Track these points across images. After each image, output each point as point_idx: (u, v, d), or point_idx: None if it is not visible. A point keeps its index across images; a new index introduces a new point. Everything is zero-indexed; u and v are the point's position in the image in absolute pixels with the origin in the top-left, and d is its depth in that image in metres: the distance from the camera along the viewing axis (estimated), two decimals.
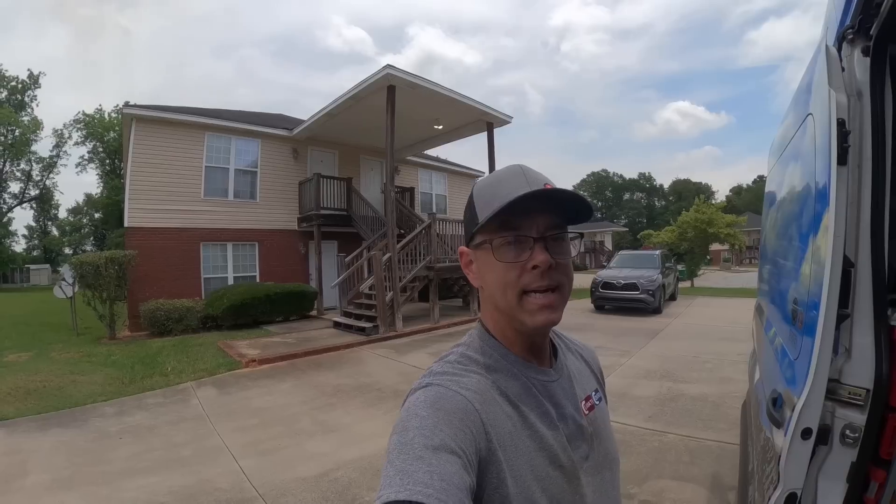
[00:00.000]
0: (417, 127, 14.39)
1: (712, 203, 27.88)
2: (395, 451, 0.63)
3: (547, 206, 0.78)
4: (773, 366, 2.05)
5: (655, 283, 13.36)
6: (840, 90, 1.39)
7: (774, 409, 1.66)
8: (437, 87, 11.76)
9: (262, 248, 14.66)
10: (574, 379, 0.92)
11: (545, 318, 0.78)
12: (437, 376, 0.78)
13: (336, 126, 14.25)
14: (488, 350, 0.85)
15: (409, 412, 0.70)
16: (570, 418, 0.85)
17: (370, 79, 11.18)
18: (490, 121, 13.83)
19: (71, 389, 7.02)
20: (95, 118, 49.70)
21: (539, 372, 0.86)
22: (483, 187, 0.84)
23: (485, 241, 0.80)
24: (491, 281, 0.81)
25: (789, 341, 1.80)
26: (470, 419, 0.70)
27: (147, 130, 12.74)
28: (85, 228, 56.10)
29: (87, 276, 11.30)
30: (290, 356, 8.81)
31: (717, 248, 34.35)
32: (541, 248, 0.77)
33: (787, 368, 1.73)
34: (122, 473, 4.25)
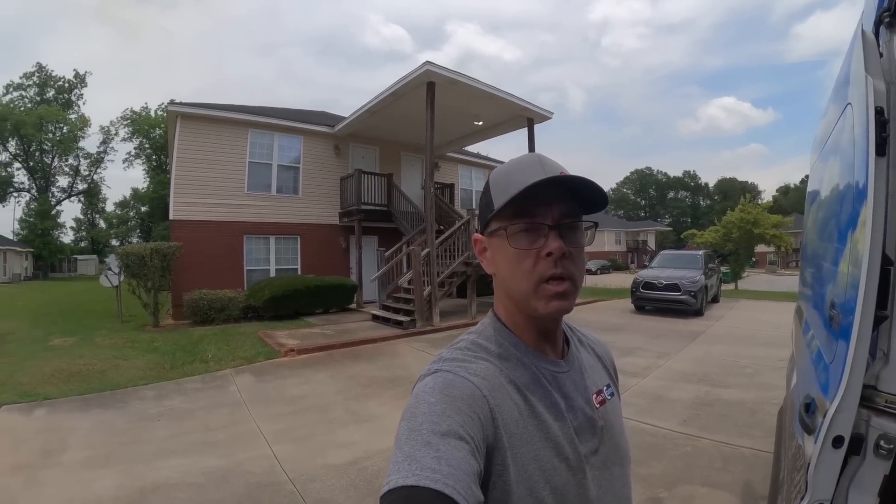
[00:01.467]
0: (457, 123, 14.42)
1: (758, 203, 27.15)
2: (403, 437, 0.64)
3: (562, 195, 0.78)
4: (809, 370, 1.95)
5: (697, 285, 13.03)
6: (878, 77, 1.31)
7: (807, 415, 1.57)
8: (476, 82, 11.73)
9: (304, 241, 14.91)
10: (585, 372, 0.91)
11: (558, 306, 0.77)
12: (446, 362, 0.78)
13: (377, 122, 14.38)
14: (499, 338, 0.85)
15: (418, 398, 0.71)
16: (580, 410, 0.84)
17: (409, 75, 11.25)
18: (530, 116, 13.73)
19: (113, 373, 7.26)
20: (141, 115, 51.64)
21: (550, 362, 0.85)
22: (499, 175, 0.83)
23: (500, 228, 0.80)
24: (505, 268, 0.81)
25: (825, 344, 1.70)
26: (478, 405, 0.70)
27: (192, 127, 13.17)
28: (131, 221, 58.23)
29: (133, 267, 11.70)
30: (328, 347, 8.93)
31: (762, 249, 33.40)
32: (555, 235, 0.76)
33: (821, 372, 1.64)
34: (158, 453, 4.37)
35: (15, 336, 10.74)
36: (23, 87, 47.84)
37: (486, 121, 14.38)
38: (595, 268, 44.29)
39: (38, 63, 50.46)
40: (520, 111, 13.41)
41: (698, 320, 12.16)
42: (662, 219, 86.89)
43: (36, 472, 4.04)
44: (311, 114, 17.99)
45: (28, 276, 43.55)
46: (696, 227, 45.80)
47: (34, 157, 48.00)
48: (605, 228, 59.01)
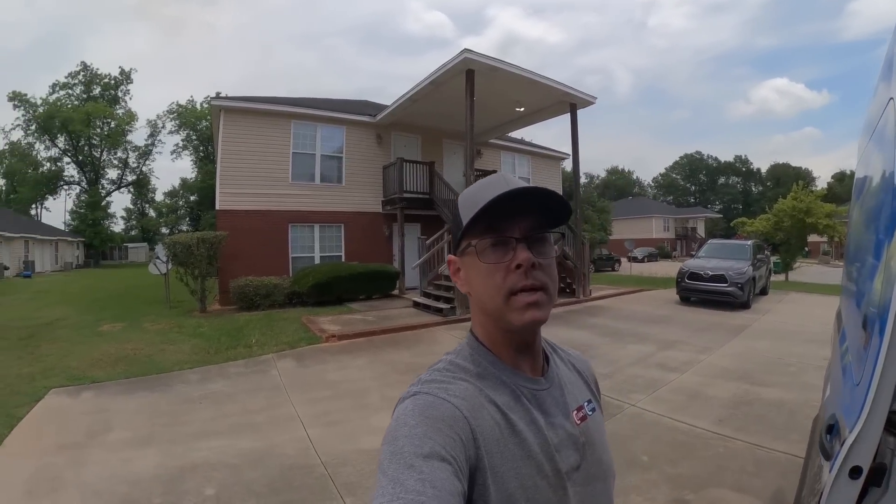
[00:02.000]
0: (499, 110, 14.36)
1: (811, 190, 26.00)
2: (386, 461, 0.64)
3: (528, 209, 0.79)
4: (838, 386, 1.80)
5: (745, 276, 12.60)
6: None
7: (827, 438, 1.46)
8: (516, 68, 11.64)
9: (348, 229, 15.15)
10: (565, 388, 0.91)
11: (532, 316, 0.77)
12: (424, 384, 0.79)
13: (418, 111, 14.43)
14: (477, 358, 0.85)
15: (399, 421, 0.71)
16: (560, 427, 0.84)
17: (448, 64, 11.24)
18: (573, 102, 13.54)
19: (159, 357, 7.51)
20: (187, 108, 53.28)
21: (528, 380, 0.85)
22: (466, 195, 0.85)
23: (469, 245, 0.81)
24: (478, 284, 0.82)
25: (856, 362, 1.55)
26: (459, 426, 0.70)
27: (235, 120, 13.55)
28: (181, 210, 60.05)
29: (180, 255, 12.08)
30: (369, 333, 9.03)
31: (815, 239, 32.16)
32: (523, 247, 0.78)
33: (847, 393, 1.51)
34: (198, 434, 4.53)
35: (66, 322, 11.16)
36: (69, 85, 50.04)
37: (528, 107, 14.26)
38: (641, 255, 43.24)
39: (83, 62, 52.69)
40: (562, 97, 13.25)
41: (744, 313, 11.75)
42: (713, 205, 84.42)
43: (81, 451, 4.23)
44: (352, 103, 18.20)
45: (79, 265, 45.23)
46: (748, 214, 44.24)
47: (83, 152, 50.13)
48: (653, 215, 57.80)
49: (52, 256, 39.24)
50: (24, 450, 4.30)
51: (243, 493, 3.51)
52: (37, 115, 46.54)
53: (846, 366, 1.79)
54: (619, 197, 75.93)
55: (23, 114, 47.22)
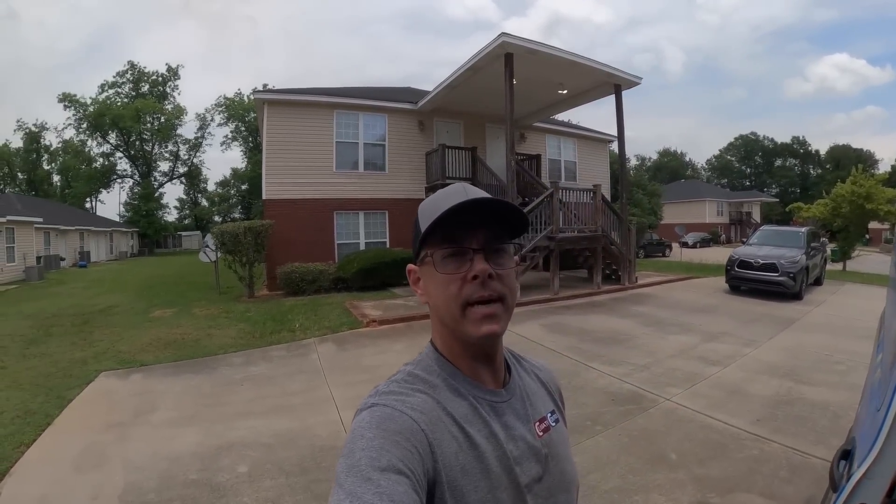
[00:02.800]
0: (541, 93, 14.22)
1: (872, 174, 24.60)
2: (343, 474, 0.64)
3: (486, 220, 0.79)
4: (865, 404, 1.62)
5: (797, 265, 12.05)
6: None
7: (837, 465, 1.30)
8: (556, 50, 11.48)
9: (391, 216, 15.34)
10: (527, 400, 0.90)
11: (488, 329, 0.78)
12: (382, 396, 0.79)
13: (459, 97, 14.39)
14: (436, 369, 0.85)
15: (355, 434, 0.71)
16: (521, 439, 0.83)
17: (486, 48, 11.17)
18: (617, 83, 13.26)
19: (206, 342, 7.78)
20: (235, 101, 54.85)
21: (488, 392, 0.85)
22: (426, 204, 0.84)
23: (427, 256, 0.81)
24: (435, 295, 0.82)
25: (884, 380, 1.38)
26: (416, 439, 0.70)
27: (278, 112, 13.93)
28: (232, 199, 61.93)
29: (228, 244, 12.45)
30: (409, 318, 9.14)
31: (876, 226, 30.56)
32: (480, 258, 0.78)
33: (870, 417, 1.34)
34: (237, 415, 4.72)
35: (119, 309, 11.68)
36: (117, 84, 52.35)
37: (571, 89, 14.03)
38: (692, 241, 41.87)
39: (130, 62, 54.58)
40: (605, 78, 12.99)
41: (796, 305, 11.24)
42: (769, 189, 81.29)
43: (127, 429, 4.47)
44: (394, 91, 18.33)
45: (134, 254, 47.19)
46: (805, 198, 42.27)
47: (134, 147, 52.33)
48: (706, 198, 55.74)
49: (107, 246, 40.83)
50: (74, 428, 4.56)
51: (274, 471, 3.65)
52: (87, 115, 48.86)
53: (874, 384, 1.62)
54: (671, 180, 73.88)
55: (73, 113, 49.72)
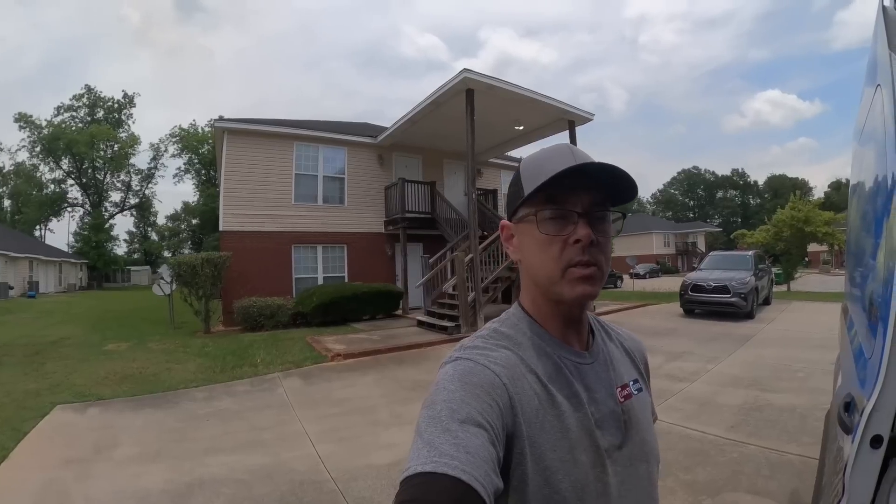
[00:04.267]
0: (498, 129, 14.49)
1: (809, 200, 26.14)
2: (423, 425, 0.65)
3: (592, 184, 0.78)
4: (850, 368, 1.84)
5: (748, 286, 12.68)
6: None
7: (846, 414, 1.47)
8: (515, 87, 11.79)
9: (351, 249, 15.24)
10: (611, 365, 0.89)
11: (583, 290, 0.78)
12: (466, 350, 0.79)
13: (419, 131, 14.57)
14: (522, 327, 0.85)
15: (438, 386, 0.71)
16: (602, 403, 0.82)
17: (448, 84, 11.37)
18: (571, 119, 13.68)
19: (165, 376, 7.55)
20: (189, 132, 53.96)
21: (572, 353, 0.85)
22: (530, 163, 0.84)
23: (529, 214, 0.81)
24: (532, 254, 0.82)
25: (866, 339, 1.60)
26: (497, 393, 0.70)
27: (238, 142, 13.71)
28: (183, 233, 60.50)
29: (185, 276, 12.14)
30: (374, 352, 9.07)
31: (815, 248, 32.20)
32: (584, 223, 0.77)
33: (861, 369, 1.54)
34: (206, 451, 4.55)
35: (71, 341, 11.24)
36: (73, 108, 51.18)
37: (527, 125, 14.39)
38: (643, 271, 43.43)
39: (87, 85, 53.67)
40: (560, 114, 13.37)
41: (749, 323, 11.86)
42: (712, 219, 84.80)
43: (88, 465, 4.25)
44: (354, 125, 18.38)
45: (83, 286, 45.56)
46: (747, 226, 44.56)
47: (87, 174, 50.88)
48: (653, 231, 57.82)
49: (56, 278, 39.44)
50: (31, 463, 4.33)
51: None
52: (41, 137, 47.54)
53: (857, 348, 1.84)
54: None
55: (28, 135, 48.24)
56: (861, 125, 2.24)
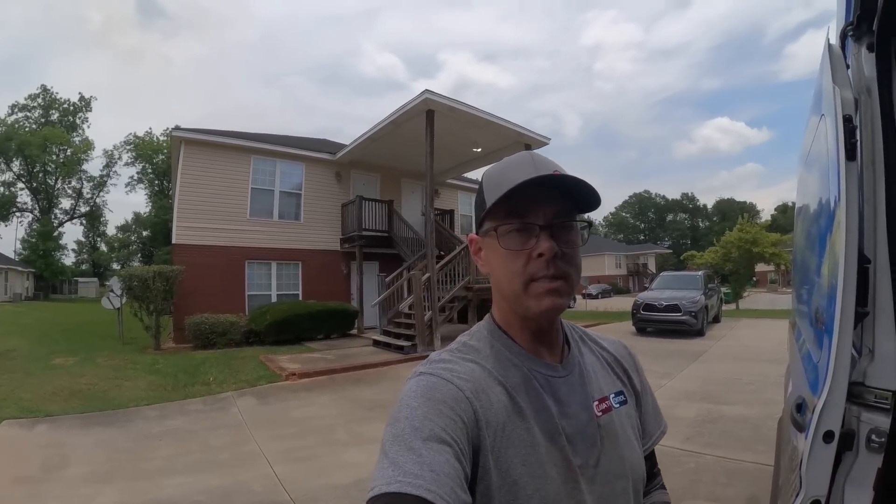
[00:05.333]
0: (456, 150, 14.60)
1: (756, 222, 27.24)
2: (388, 443, 0.64)
3: (554, 194, 0.76)
4: (800, 373, 1.99)
5: (698, 305, 13.09)
6: (845, 87, 1.39)
7: (798, 414, 1.57)
8: (474, 110, 11.96)
9: (305, 267, 15.03)
10: (587, 377, 0.87)
11: (550, 303, 0.75)
12: (432, 364, 0.78)
13: (378, 150, 14.59)
14: (491, 340, 0.84)
15: (402, 403, 0.70)
16: (575, 417, 0.80)
17: (409, 104, 11.46)
18: (528, 143, 13.87)
19: (115, 393, 7.35)
20: (145, 140, 52.26)
21: (543, 366, 0.82)
22: (492, 173, 0.82)
23: (491, 229, 0.79)
24: (497, 268, 0.80)
25: (814, 345, 1.74)
26: (461, 407, 0.69)
27: (195, 152, 13.43)
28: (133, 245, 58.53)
29: (136, 289, 11.83)
30: (330, 371, 9.00)
31: (762, 268, 33.46)
32: (546, 236, 0.75)
33: (810, 372, 1.68)
34: (161, 472, 4.43)
35: (17, 354, 10.86)
36: (28, 108, 48.59)
37: (485, 147, 14.56)
38: (596, 292, 44.33)
39: (43, 85, 50.90)
40: (517, 137, 13.58)
41: (700, 340, 12.21)
42: (662, 241, 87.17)
43: (37, 485, 4.10)
44: (312, 141, 18.26)
45: (29, 297, 43.53)
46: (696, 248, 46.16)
47: (37, 178, 48.51)
48: (605, 252, 58.84)
49: (2, 286, 37.86)
50: None
51: None
52: None
53: (805, 354, 1.97)
54: None
55: None
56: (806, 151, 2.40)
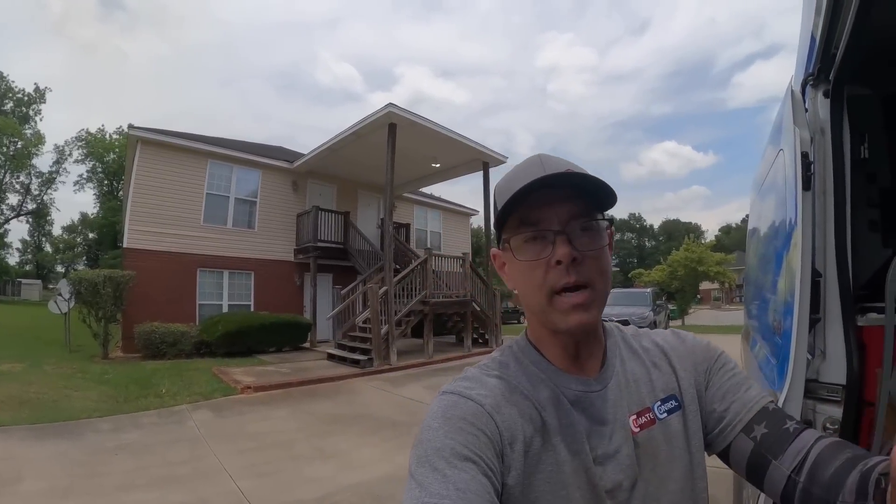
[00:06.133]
0: (415, 164, 14.72)
1: (702, 242, 28.31)
2: (413, 465, 0.64)
3: (566, 194, 0.72)
4: (758, 376, 2.22)
5: (647, 320, 13.71)
6: (804, 127, 1.63)
7: None
8: (436, 126, 12.16)
9: (258, 277, 14.78)
10: (626, 388, 0.80)
11: (578, 320, 0.71)
12: (456, 382, 0.76)
13: (336, 160, 14.59)
14: (520, 356, 0.81)
15: (424, 425, 0.69)
16: (608, 436, 0.74)
17: (372, 116, 11.56)
18: (486, 160, 14.19)
19: (65, 403, 7.14)
20: (97, 138, 50.08)
21: (576, 381, 0.78)
22: (501, 183, 0.78)
23: (506, 241, 0.75)
24: (519, 282, 0.76)
25: (771, 350, 1.98)
26: (482, 422, 0.68)
27: (151, 153, 13.02)
28: (78, 247, 56.01)
29: (85, 294, 11.40)
30: (286, 385, 8.94)
31: (707, 286, 34.72)
32: (562, 241, 0.70)
33: (770, 373, 1.90)
34: (120, 487, 4.33)
35: None
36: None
37: (444, 163, 14.78)
38: None
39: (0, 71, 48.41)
40: (476, 155, 13.84)
41: None
42: None
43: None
44: (269, 148, 18.04)
45: None
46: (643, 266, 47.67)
47: None
48: None
49: None
50: None
51: None
52: None
53: (762, 359, 2.22)
54: None
55: None
56: (762, 178, 2.67)
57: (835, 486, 0.64)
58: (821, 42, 1.52)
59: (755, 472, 0.75)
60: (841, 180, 1.61)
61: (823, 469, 0.66)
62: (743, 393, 0.80)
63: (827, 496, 0.64)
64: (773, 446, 0.72)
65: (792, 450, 0.70)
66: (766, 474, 0.73)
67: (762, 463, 0.73)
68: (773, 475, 0.71)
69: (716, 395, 0.82)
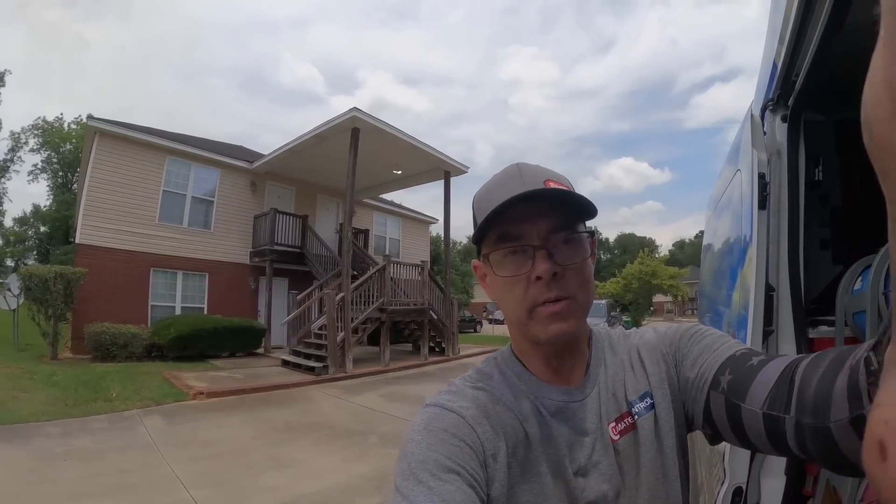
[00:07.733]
0: (376, 170, 14.65)
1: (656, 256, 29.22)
2: (398, 478, 0.63)
3: (547, 208, 0.71)
4: None
5: None
6: (761, 150, 1.72)
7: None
8: (400, 133, 12.21)
9: (212, 279, 14.43)
10: (606, 395, 0.78)
11: (557, 329, 0.70)
12: (440, 394, 0.76)
13: (296, 163, 14.43)
14: (504, 367, 0.81)
15: (408, 438, 0.69)
16: (589, 447, 0.73)
17: (335, 119, 11.54)
18: (448, 169, 14.30)
19: (12, 405, 6.94)
20: (54, 127, 48.07)
21: (557, 391, 0.77)
22: (480, 195, 0.77)
23: (485, 256, 0.75)
24: (500, 296, 0.76)
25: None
26: (464, 433, 0.68)
27: (109, 146, 12.59)
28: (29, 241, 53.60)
29: (35, 290, 10.99)
30: (239, 391, 8.83)
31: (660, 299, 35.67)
32: (542, 256, 0.69)
33: None
34: (71, 495, 4.24)
35: None
36: None
37: (406, 170, 14.80)
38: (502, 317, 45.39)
39: None
40: (438, 163, 13.95)
41: None
42: None
43: None
44: (230, 147, 17.69)
45: None
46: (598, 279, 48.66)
47: None
48: None
49: None
50: None
51: None
52: None
53: None
54: None
55: None
56: (719, 196, 2.78)
57: (822, 405, 0.53)
58: (782, 69, 1.58)
59: (737, 430, 0.66)
60: (795, 200, 1.69)
61: (806, 390, 0.55)
62: (712, 352, 0.73)
63: (816, 422, 0.53)
64: (738, 389, 0.64)
65: (757, 384, 0.62)
66: (744, 425, 0.64)
67: (736, 415, 0.65)
68: (749, 421, 0.63)
69: (687, 366, 0.77)
